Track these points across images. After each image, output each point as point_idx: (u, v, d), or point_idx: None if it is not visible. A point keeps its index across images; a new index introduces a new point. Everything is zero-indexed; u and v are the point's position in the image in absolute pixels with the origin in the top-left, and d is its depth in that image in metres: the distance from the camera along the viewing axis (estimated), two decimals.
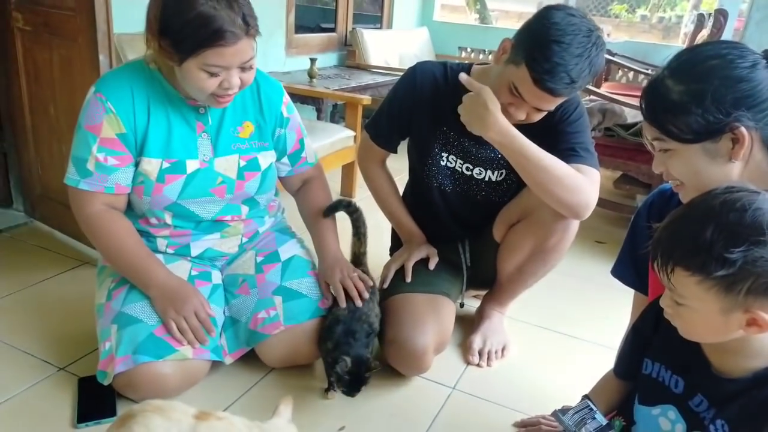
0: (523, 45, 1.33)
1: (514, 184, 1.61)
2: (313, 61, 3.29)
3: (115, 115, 1.32)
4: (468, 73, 1.54)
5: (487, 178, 1.61)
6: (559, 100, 1.37)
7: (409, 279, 1.60)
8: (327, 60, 4.03)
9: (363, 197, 1.71)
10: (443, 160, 1.60)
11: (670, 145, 0.92)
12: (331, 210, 1.59)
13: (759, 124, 0.88)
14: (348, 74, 3.73)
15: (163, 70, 1.33)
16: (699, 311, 0.80)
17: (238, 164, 1.45)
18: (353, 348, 1.37)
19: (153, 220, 1.44)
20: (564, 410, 0.94)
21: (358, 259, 1.60)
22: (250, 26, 1.21)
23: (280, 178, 1.60)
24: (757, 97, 0.88)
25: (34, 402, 1.36)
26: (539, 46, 1.29)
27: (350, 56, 4.14)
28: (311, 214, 1.60)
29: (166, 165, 1.37)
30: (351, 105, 2.84)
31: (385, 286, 1.62)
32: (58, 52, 1.90)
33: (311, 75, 3.27)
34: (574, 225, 1.53)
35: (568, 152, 1.44)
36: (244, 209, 1.52)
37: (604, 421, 0.92)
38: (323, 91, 3.02)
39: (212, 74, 1.23)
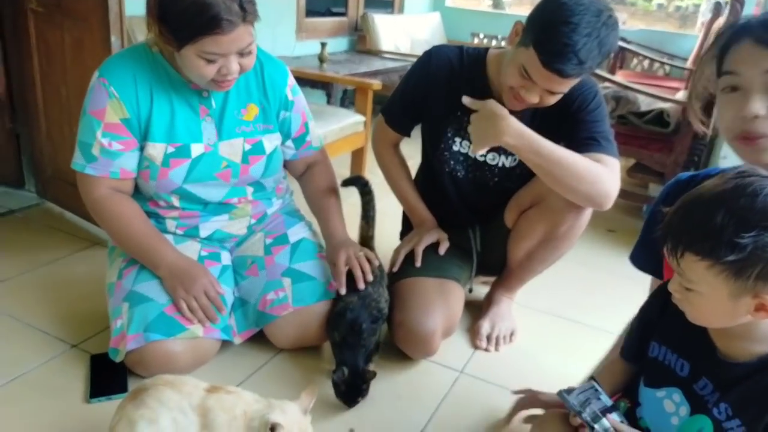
0: (532, 27, 1.33)
1: (527, 170, 1.58)
2: (323, 45, 3.28)
3: (119, 99, 1.32)
4: (484, 58, 1.53)
5: (500, 164, 1.60)
6: (571, 82, 1.36)
7: (419, 263, 1.60)
8: (337, 45, 4.02)
9: (373, 183, 1.70)
10: (456, 146, 1.60)
11: None
12: (348, 182, 1.61)
13: None
14: (358, 59, 3.72)
15: (165, 53, 1.33)
16: (708, 296, 0.79)
17: (243, 148, 1.44)
18: (353, 355, 1.36)
19: (161, 203, 1.45)
20: (569, 390, 0.94)
21: (366, 242, 1.60)
22: (247, 12, 1.19)
23: (285, 162, 1.60)
24: None
25: (47, 378, 1.38)
26: (547, 27, 1.29)
27: (361, 41, 4.13)
28: (316, 196, 1.60)
29: (170, 149, 1.37)
30: (361, 90, 2.83)
31: (395, 270, 1.62)
32: (70, 34, 1.90)
33: (321, 59, 3.26)
34: (587, 213, 1.53)
35: (587, 141, 1.44)
36: (250, 190, 1.52)
37: (609, 402, 0.92)
38: (333, 76, 3.01)
39: (210, 61, 1.22)
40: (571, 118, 1.48)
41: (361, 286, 1.44)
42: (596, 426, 0.89)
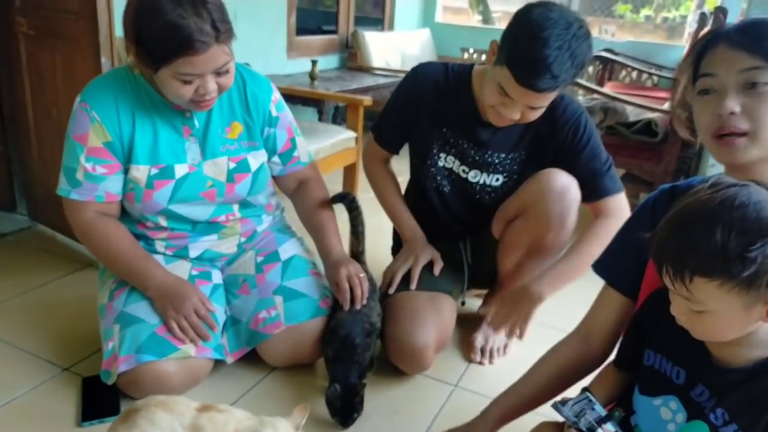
0: (504, 45, 1.35)
1: (510, 189, 1.60)
2: (314, 63, 3.31)
3: (100, 123, 1.32)
4: (469, 74, 1.55)
5: (482, 182, 1.61)
6: (549, 96, 1.37)
7: (414, 286, 1.57)
8: (328, 62, 4.05)
9: (365, 199, 1.71)
10: (441, 161, 1.61)
11: None
12: (336, 199, 1.60)
13: None
14: (349, 76, 3.75)
15: (145, 75, 1.33)
16: (721, 313, 0.79)
17: (227, 167, 1.44)
18: (346, 370, 1.36)
19: (149, 224, 1.44)
20: (563, 401, 0.94)
21: (357, 258, 1.60)
22: (220, 32, 1.20)
23: (274, 178, 1.59)
24: None
25: (39, 401, 1.37)
26: (518, 44, 1.31)
27: (352, 58, 4.16)
28: (310, 213, 1.59)
29: (154, 171, 1.37)
30: (352, 106, 2.85)
31: (392, 291, 1.60)
32: (61, 55, 1.91)
33: (312, 77, 3.28)
34: (570, 221, 1.53)
35: (592, 184, 1.51)
36: (236, 207, 1.51)
37: (603, 412, 0.92)
38: (324, 93, 3.03)
39: (186, 82, 1.23)
40: (567, 151, 1.51)
41: (358, 306, 1.44)
42: None
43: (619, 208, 1.52)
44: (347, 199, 1.61)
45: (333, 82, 3.43)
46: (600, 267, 1.17)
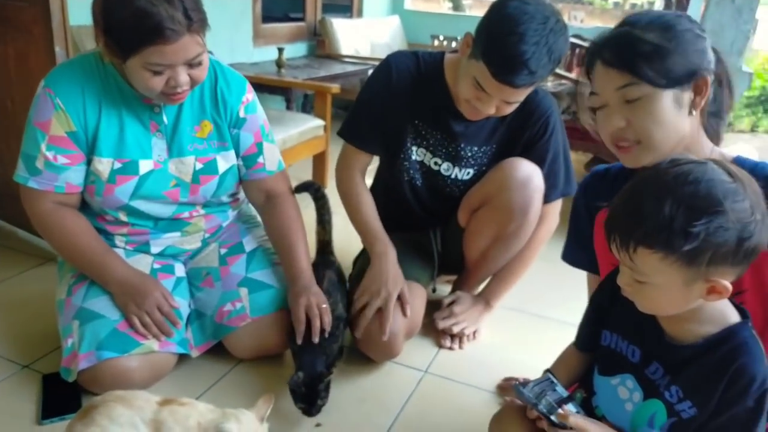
0: (480, 39, 1.33)
1: (479, 179, 1.60)
2: (281, 50, 3.26)
3: (65, 112, 1.27)
4: (441, 63, 1.52)
5: (453, 176, 1.60)
6: (525, 90, 1.36)
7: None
8: (296, 50, 4.00)
9: (334, 187, 1.68)
10: (414, 154, 1.59)
11: (642, 91, 0.90)
12: (301, 189, 1.57)
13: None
14: (317, 64, 3.70)
15: (115, 64, 1.28)
16: (662, 286, 0.80)
17: (194, 167, 1.39)
18: (311, 359, 1.32)
19: (108, 218, 1.41)
20: (525, 383, 0.95)
21: (324, 247, 1.58)
22: (192, 21, 1.15)
23: (242, 184, 1.52)
24: (710, 57, 0.93)
25: None
26: (494, 39, 1.29)
27: (320, 46, 4.11)
28: (280, 233, 1.48)
29: (117, 165, 1.32)
30: (320, 94, 2.82)
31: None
32: (13, 46, 1.85)
33: (279, 65, 3.24)
34: (534, 211, 1.53)
35: (546, 184, 1.53)
36: (199, 205, 1.47)
37: (565, 393, 0.93)
38: (291, 81, 2.99)
39: (156, 72, 1.18)
40: (534, 147, 1.54)
41: (315, 339, 1.33)
42: (552, 417, 0.90)
43: (549, 213, 1.60)
44: (312, 188, 1.59)
45: (301, 70, 3.39)
46: (566, 257, 1.21)
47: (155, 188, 1.37)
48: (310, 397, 1.29)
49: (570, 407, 0.92)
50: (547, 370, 1.01)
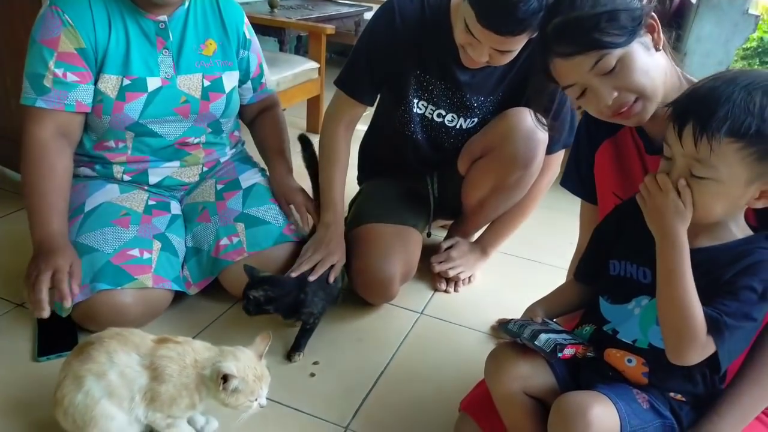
0: None
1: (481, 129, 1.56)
2: None
3: (74, 28, 1.26)
4: (447, 6, 1.43)
5: (458, 126, 1.55)
6: (517, 39, 1.26)
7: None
8: None
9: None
10: (415, 107, 1.53)
11: (613, 58, 0.90)
12: (301, 140, 1.59)
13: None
14: (311, 5, 3.58)
15: None
16: (724, 181, 0.78)
17: (202, 83, 1.41)
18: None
19: (110, 143, 1.38)
20: (509, 321, 0.94)
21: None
22: None
23: (240, 107, 1.56)
24: None
25: None
26: None
27: None
28: (266, 140, 1.59)
29: (126, 82, 1.32)
30: (314, 35, 2.74)
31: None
32: None
33: (272, 5, 3.12)
34: (536, 163, 1.50)
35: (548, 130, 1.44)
36: (208, 131, 1.48)
37: (549, 323, 0.95)
38: (285, 21, 2.90)
39: None
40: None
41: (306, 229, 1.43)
42: (535, 342, 0.89)
43: (551, 164, 1.57)
44: (308, 146, 1.58)
45: (294, 11, 3.27)
46: (565, 183, 1.20)
47: (165, 105, 1.37)
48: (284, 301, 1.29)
49: (550, 336, 0.90)
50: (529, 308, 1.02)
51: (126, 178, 1.43)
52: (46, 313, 1.15)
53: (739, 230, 0.85)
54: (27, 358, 1.28)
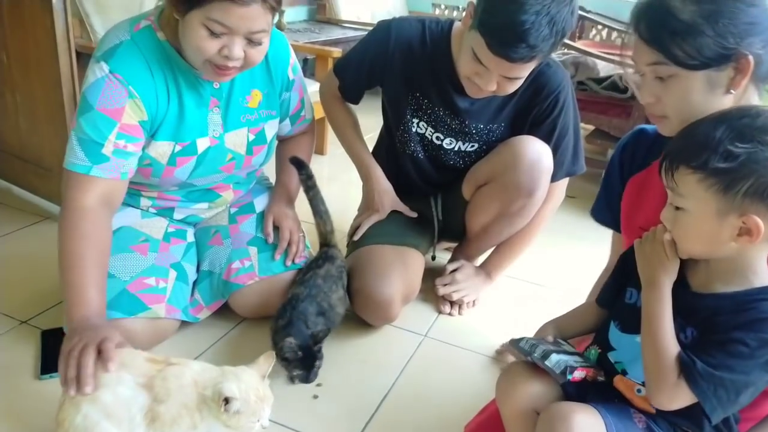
0: (480, 7, 1.25)
1: (483, 152, 1.57)
2: (281, 13, 3.19)
3: (140, 100, 1.20)
4: (448, 35, 1.45)
5: (457, 148, 1.57)
6: (526, 66, 1.27)
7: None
8: (296, 14, 3.92)
9: (336, 154, 1.66)
10: (414, 127, 1.55)
11: (670, 71, 0.87)
12: (294, 162, 1.49)
13: (763, 51, 0.86)
14: (318, 28, 3.63)
15: (171, 39, 1.21)
16: (695, 214, 0.79)
17: (247, 138, 1.39)
18: (296, 329, 1.28)
19: (146, 183, 1.37)
20: (519, 339, 0.94)
21: (326, 239, 1.51)
22: None
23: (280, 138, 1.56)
24: (765, 24, 0.86)
25: None
26: (492, 7, 1.22)
27: (320, 11, 4.02)
28: (285, 157, 1.54)
29: (178, 148, 1.29)
30: (321, 58, 2.77)
31: (356, 238, 1.59)
32: None
33: (279, 28, 3.16)
34: (541, 192, 1.50)
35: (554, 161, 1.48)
36: (243, 177, 1.49)
37: (560, 345, 0.94)
38: (292, 44, 2.91)
39: (214, 34, 1.10)
40: (542, 124, 1.48)
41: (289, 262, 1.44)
42: (546, 362, 0.88)
43: (554, 191, 1.57)
44: (305, 173, 1.50)
45: (301, 34, 3.32)
46: (597, 214, 1.19)
47: (213, 165, 1.36)
48: (308, 360, 1.27)
49: (561, 357, 0.90)
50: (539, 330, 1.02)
51: (152, 211, 1.43)
52: (89, 389, 0.95)
53: (757, 279, 0.82)
54: (30, 375, 1.27)
